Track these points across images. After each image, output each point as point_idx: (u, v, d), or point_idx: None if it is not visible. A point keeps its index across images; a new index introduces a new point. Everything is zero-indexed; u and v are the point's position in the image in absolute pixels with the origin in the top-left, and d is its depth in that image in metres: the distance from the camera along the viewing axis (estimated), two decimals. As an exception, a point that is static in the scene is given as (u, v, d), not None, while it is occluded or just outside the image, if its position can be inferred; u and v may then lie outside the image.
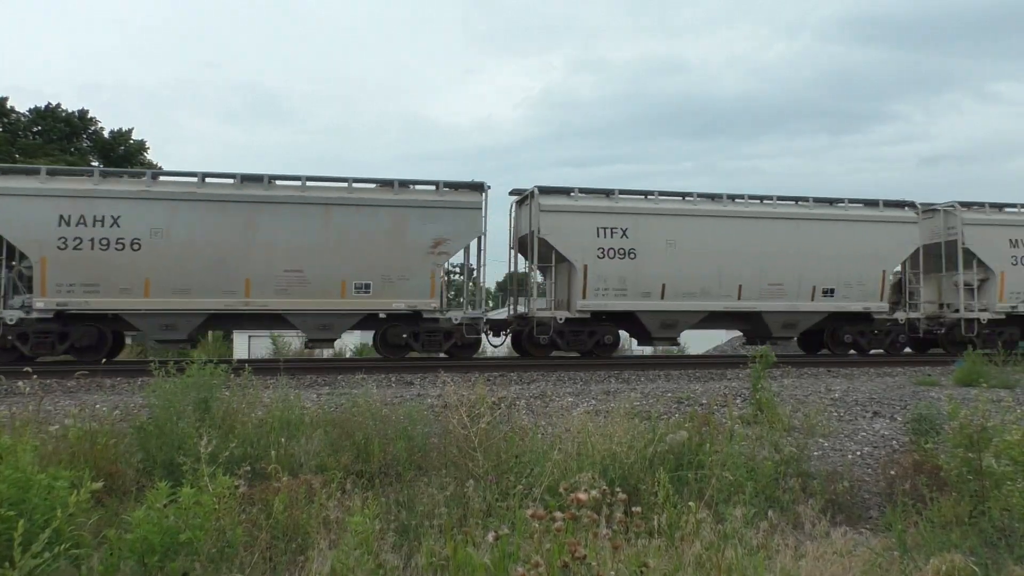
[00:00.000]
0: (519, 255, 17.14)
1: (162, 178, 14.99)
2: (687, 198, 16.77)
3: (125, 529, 3.96)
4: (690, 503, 4.37)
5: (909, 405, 8.92)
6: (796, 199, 17.41)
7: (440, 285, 15.30)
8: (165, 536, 3.84)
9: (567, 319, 15.76)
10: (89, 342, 13.94)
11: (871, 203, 17.82)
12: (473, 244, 15.73)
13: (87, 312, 13.77)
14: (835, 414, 8.86)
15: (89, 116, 39.33)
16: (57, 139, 37.27)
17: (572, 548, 2.90)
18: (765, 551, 4.25)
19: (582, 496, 3.31)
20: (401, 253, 14.89)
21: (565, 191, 16.25)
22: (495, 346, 17.08)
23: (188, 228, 14.08)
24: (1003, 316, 18.13)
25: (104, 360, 13.01)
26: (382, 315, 15.23)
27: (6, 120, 36.64)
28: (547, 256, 16.02)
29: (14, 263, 14.04)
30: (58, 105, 38.33)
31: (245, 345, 29.57)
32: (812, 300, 16.92)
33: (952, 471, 5.32)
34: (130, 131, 40.09)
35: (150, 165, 38.70)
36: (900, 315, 17.63)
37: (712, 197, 16.93)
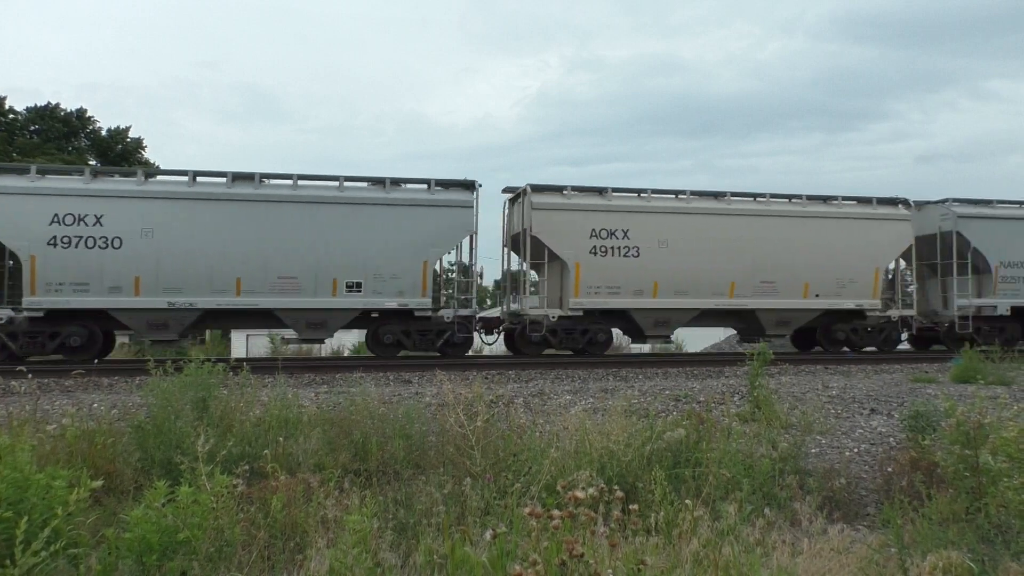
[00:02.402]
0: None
1: None
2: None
3: (123, 528, 3.96)
4: (687, 501, 4.38)
5: (906, 402, 8.94)
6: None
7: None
8: (163, 535, 3.84)
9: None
10: None
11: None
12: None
13: None
14: (832, 411, 8.88)
15: (87, 115, 39.28)
16: (55, 138, 37.21)
17: (570, 546, 2.91)
18: (762, 548, 4.25)
19: (579, 494, 3.31)
20: None
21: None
22: None
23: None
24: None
25: (96, 360, 13.01)
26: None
27: (3, 119, 36.56)
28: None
29: None
30: (57, 105, 38.28)
31: (243, 343, 29.56)
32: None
33: (949, 468, 5.34)
34: (127, 129, 40.04)
35: (147, 163, 38.66)
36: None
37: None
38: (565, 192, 16.68)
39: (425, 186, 16.11)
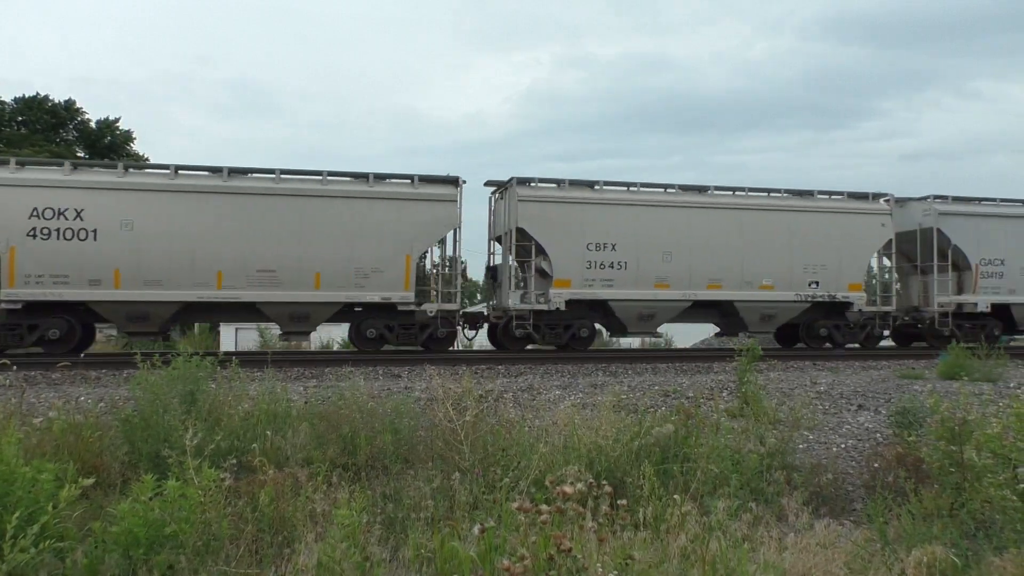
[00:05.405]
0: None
1: None
2: None
3: (110, 522, 3.95)
4: (675, 496, 4.40)
5: (893, 398, 9.00)
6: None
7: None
8: (150, 529, 3.83)
9: None
10: None
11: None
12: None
13: None
14: (820, 407, 8.93)
15: (75, 106, 38.91)
16: (42, 129, 36.88)
17: (558, 541, 2.92)
18: (749, 543, 4.28)
19: (568, 489, 3.33)
20: None
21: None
22: None
23: None
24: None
25: (83, 354, 12.93)
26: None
27: (-11, 110, 36.22)
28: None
29: None
30: (45, 96, 37.90)
31: (231, 337, 29.43)
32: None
33: (934, 464, 5.38)
34: (116, 121, 39.65)
35: (137, 156, 38.38)
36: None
37: None
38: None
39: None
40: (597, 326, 17.33)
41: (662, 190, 16.83)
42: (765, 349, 12.41)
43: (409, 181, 15.43)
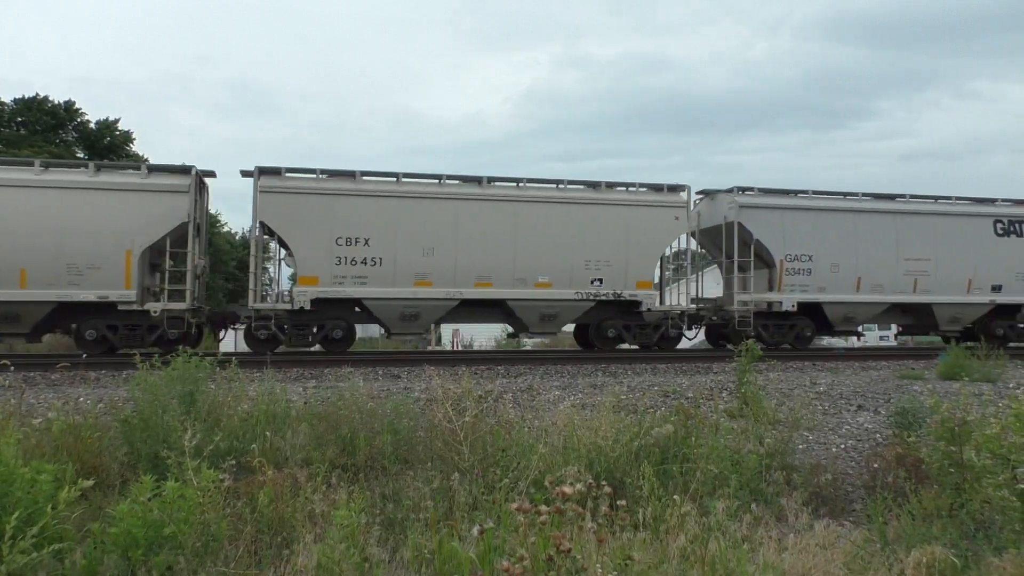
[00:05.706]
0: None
1: None
2: None
3: (109, 523, 3.95)
4: (675, 496, 4.40)
5: (893, 398, 8.99)
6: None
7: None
8: (149, 530, 3.83)
9: None
10: None
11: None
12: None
13: None
14: (820, 407, 8.92)
15: (75, 107, 38.86)
16: (42, 130, 36.85)
17: (557, 541, 2.91)
18: (749, 544, 4.28)
19: (567, 490, 3.32)
20: None
21: None
22: None
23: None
24: None
25: (85, 355, 12.91)
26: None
27: (-12, 110, 36.19)
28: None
29: None
30: (45, 97, 37.86)
31: (231, 337, 29.31)
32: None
33: (934, 464, 5.38)
34: (116, 121, 39.57)
35: (136, 156, 38.32)
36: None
37: None
38: None
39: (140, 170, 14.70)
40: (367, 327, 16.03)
41: (436, 181, 15.64)
42: (765, 350, 12.40)
43: (139, 171, 14.62)
